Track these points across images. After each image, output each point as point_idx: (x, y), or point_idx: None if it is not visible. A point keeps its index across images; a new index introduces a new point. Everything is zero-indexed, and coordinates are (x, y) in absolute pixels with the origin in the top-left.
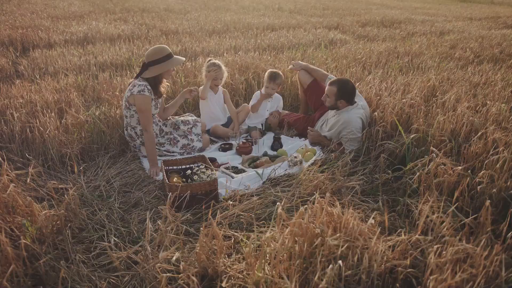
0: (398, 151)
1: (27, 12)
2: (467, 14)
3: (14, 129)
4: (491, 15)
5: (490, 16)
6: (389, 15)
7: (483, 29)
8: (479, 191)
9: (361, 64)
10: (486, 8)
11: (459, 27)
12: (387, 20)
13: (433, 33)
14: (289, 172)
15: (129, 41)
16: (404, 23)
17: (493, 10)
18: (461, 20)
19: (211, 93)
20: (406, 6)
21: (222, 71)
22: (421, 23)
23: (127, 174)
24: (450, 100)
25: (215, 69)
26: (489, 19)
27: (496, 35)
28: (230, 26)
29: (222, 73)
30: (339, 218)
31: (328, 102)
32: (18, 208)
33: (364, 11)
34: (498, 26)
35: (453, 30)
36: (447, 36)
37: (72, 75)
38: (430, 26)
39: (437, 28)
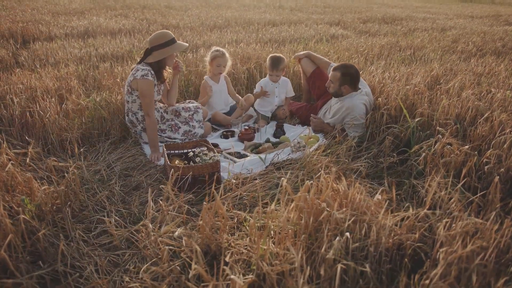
0: (402, 135)
1: (28, 8)
2: (468, 12)
3: (13, 113)
4: (492, 13)
5: (491, 14)
6: (390, 12)
7: (484, 26)
8: (487, 171)
9: (363, 56)
10: (487, 7)
11: (461, 24)
12: (388, 17)
13: (434, 29)
14: (292, 157)
15: (130, 35)
16: (406, 20)
17: (494, 9)
18: (462, 18)
19: (214, 83)
20: (407, 5)
21: (226, 58)
22: (422, 20)
23: (128, 159)
24: (454, 87)
25: (218, 55)
26: (490, 17)
27: (498, 31)
28: (231, 21)
29: (226, 61)
30: (345, 194)
31: (332, 88)
32: (17, 186)
33: (365, 9)
34: (499, 24)
35: (455, 27)
36: (448, 32)
37: (73, 65)
38: (431, 23)
39: (438, 25)
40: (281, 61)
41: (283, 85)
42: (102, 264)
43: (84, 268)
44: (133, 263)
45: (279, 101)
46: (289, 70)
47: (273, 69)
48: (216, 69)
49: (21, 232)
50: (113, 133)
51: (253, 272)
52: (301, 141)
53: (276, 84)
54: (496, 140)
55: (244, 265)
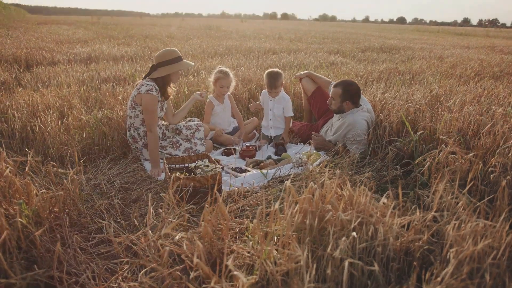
0: (405, 149)
1: (32, 37)
2: (464, 43)
3: (14, 127)
4: (487, 45)
5: (486, 45)
6: (387, 43)
7: (481, 55)
8: (492, 180)
9: (363, 79)
10: (482, 39)
11: (458, 53)
12: (386, 47)
13: (432, 57)
14: (294, 172)
15: (132, 60)
16: (403, 49)
17: (489, 41)
18: (459, 48)
19: (218, 103)
20: (403, 37)
21: (230, 79)
22: (420, 50)
23: (128, 174)
24: (455, 104)
25: (221, 76)
26: (486, 48)
27: (494, 58)
28: (232, 49)
29: (229, 82)
30: (350, 198)
31: (334, 104)
32: (15, 193)
33: (363, 40)
34: (495, 53)
35: (452, 55)
36: (446, 59)
37: (75, 86)
38: (429, 52)
39: (435, 54)
40: (278, 78)
41: (279, 100)
42: (100, 272)
43: (80, 275)
44: (132, 271)
45: (272, 115)
46: (290, 91)
47: (271, 87)
48: (219, 90)
49: (16, 235)
50: (114, 149)
51: (257, 274)
52: (303, 157)
53: (271, 98)
54: (500, 150)
55: (247, 270)
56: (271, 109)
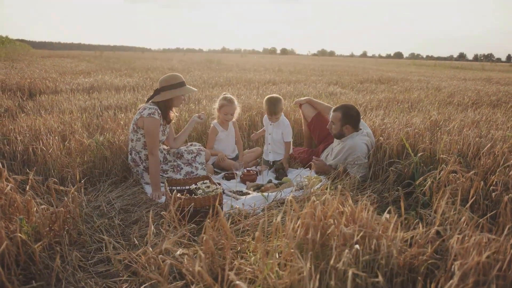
0: (406, 171)
1: (36, 69)
2: (461, 76)
3: (16, 149)
4: (483, 77)
5: (483, 78)
6: (385, 75)
7: (478, 86)
8: (494, 198)
9: (362, 107)
10: (478, 72)
11: (455, 84)
12: (384, 79)
13: (430, 88)
14: (295, 195)
15: (134, 90)
16: (401, 81)
17: (485, 74)
18: (455, 80)
19: (222, 129)
20: (401, 70)
21: (234, 106)
22: (418, 81)
23: (128, 197)
24: (455, 128)
25: (225, 103)
26: (482, 80)
27: (491, 88)
28: (233, 80)
29: (234, 109)
30: (352, 214)
31: (334, 129)
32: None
33: (361, 72)
34: (491, 84)
35: (449, 86)
36: (444, 89)
37: (77, 113)
38: (426, 83)
39: (433, 85)
40: (278, 104)
41: (279, 125)
42: None
43: None
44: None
45: (271, 139)
46: (290, 118)
47: (271, 113)
48: (224, 117)
49: (16, 250)
50: (115, 173)
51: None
52: (305, 180)
53: (271, 122)
54: (500, 169)
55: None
56: (270, 133)
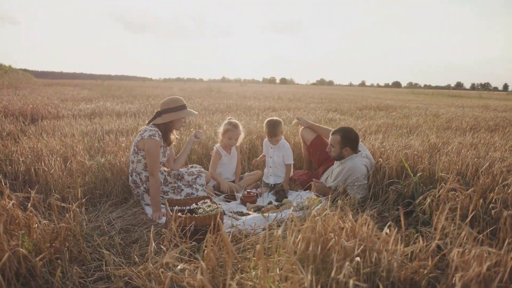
0: (406, 191)
1: (38, 96)
2: (459, 104)
3: (18, 170)
4: (481, 104)
5: (480, 105)
6: (384, 103)
7: (475, 113)
8: (494, 216)
9: (361, 132)
10: (475, 100)
11: (452, 111)
12: (383, 106)
13: (428, 115)
14: (295, 215)
15: (135, 116)
16: (400, 108)
17: (483, 102)
18: (453, 107)
19: (225, 153)
20: (399, 98)
21: (238, 131)
22: (416, 108)
23: (129, 218)
24: (453, 150)
25: (230, 128)
26: (480, 107)
27: (489, 114)
28: (233, 107)
29: (238, 134)
30: (353, 229)
31: (334, 151)
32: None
33: (360, 100)
34: (489, 112)
35: (447, 113)
36: (442, 116)
37: (79, 136)
38: (424, 110)
39: (431, 112)
40: (277, 126)
41: (280, 147)
42: None
43: None
44: None
45: (272, 162)
46: (290, 141)
47: (271, 135)
48: (228, 142)
49: (16, 263)
50: (115, 194)
51: None
52: (305, 201)
53: (271, 145)
54: (499, 187)
55: None
56: (271, 156)
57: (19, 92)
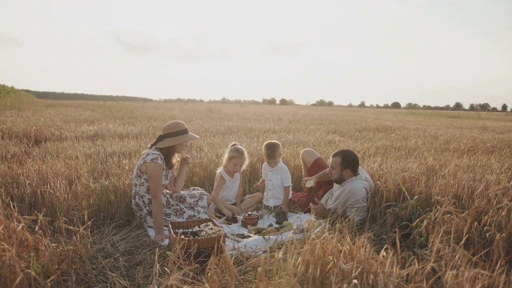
0: (403, 213)
1: (41, 117)
2: (457, 124)
3: (24, 192)
4: (479, 125)
5: (479, 126)
6: (383, 124)
7: (474, 134)
8: (489, 238)
9: (360, 154)
10: (474, 121)
11: (451, 132)
12: (382, 127)
13: (427, 136)
14: (295, 238)
15: (137, 138)
16: (399, 129)
17: (481, 122)
18: (452, 128)
19: (229, 178)
20: (399, 119)
21: (244, 158)
22: (415, 129)
23: (132, 240)
24: (450, 173)
25: (236, 155)
26: (479, 128)
27: (487, 136)
28: (233, 129)
29: (243, 161)
30: (351, 252)
31: (334, 173)
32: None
33: (359, 121)
34: (487, 133)
35: (446, 134)
36: (440, 137)
37: (82, 159)
38: (423, 131)
39: (430, 133)
40: (276, 148)
41: (278, 170)
42: None
43: None
44: None
45: (271, 185)
46: (290, 164)
47: (270, 157)
48: (233, 168)
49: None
50: (119, 216)
51: None
52: (305, 224)
53: (270, 168)
54: (494, 209)
55: None
56: (270, 179)
57: (22, 113)
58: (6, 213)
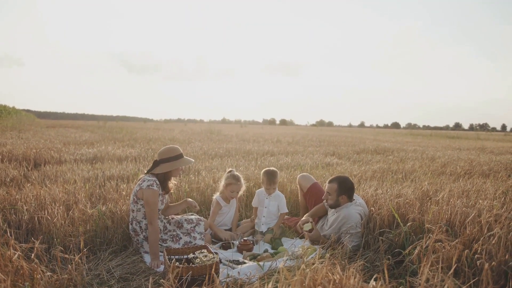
0: (397, 240)
1: (41, 139)
2: (456, 146)
3: (22, 218)
4: (478, 146)
5: (477, 147)
6: (382, 145)
7: (471, 156)
8: (479, 266)
9: (357, 178)
10: (473, 142)
11: (449, 154)
12: (380, 149)
13: (424, 158)
14: (290, 264)
15: (136, 161)
16: (397, 151)
17: (480, 143)
18: (450, 150)
19: (225, 204)
20: (397, 140)
21: (240, 184)
22: (413, 151)
23: (128, 266)
24: (444, 198)
25: (233, 182)
26: (477, 149)
27: (484, 158)
28: (232, 151)
29: (240, 187)
30: (340, 281)
31: (330, 199)
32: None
33: (358, 143)
34: (485, 154)
35: (443, 156)
36: (438, 160)
37: (80, 183)
38: (421, 153)
39: (428, 155)
40: (276, 175)
41: (275, 198)
42: None
43: None
44: None
45: (267, 212)
46: (286, 188)
47: (270, 183)
48: (229, 194)
49: None
50: (115, 242)
51: None
52: (299, 250)
53: (267, 196)
54: (484, 237)
55: None
56: (266, 206)
57: (22, 135)
58: (3, 241)
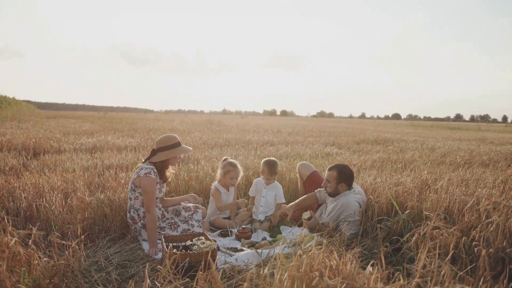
0: (395, 227)
1: (41, 129)
2: (456, 136)
3: (20, 206)
4: (478, 137)
5: (478, 138)
6: (382, 136)
7: (471, 146)
8: (477, 253)
9: (356, 167)
10: (473, 133)
11: (449, 144)
12: (381, 139)
13: (424, 148)
14: (288, 252)
15: (135, 150)
16: (397, 141)
17: (481, 134)
18: (450, 140)
19: (224, 191)
20: (398, 131)
21: (238, 171)
22: (413, 142)
23: (126, 253)
24: (443, 187)
25: (231, 169)
26: (477, 140)
27: (484, 148)
28: (232, 141)
29: (238, 173)
30: (337, 266)
31: (329, 187)
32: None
33: (358, 133)
34: (485, 144)
35: (444, 147)
36: (438, 150)
37: (79, 172)
38: (421, 143)
39: (428, 145)
40: (277, 165)
41: (273, 187)
42: None
43: None
44: None
45: (265, 202)
46: (285, 177)
47: (271, 174)
48: (229, 181)
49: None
50: (113, 230)
51: None
52: (297, 237)
53: (265, 185)
54: (482, 224)
55: None
56: (264, 196)
57: (22, 125)
58: (1, 227)
